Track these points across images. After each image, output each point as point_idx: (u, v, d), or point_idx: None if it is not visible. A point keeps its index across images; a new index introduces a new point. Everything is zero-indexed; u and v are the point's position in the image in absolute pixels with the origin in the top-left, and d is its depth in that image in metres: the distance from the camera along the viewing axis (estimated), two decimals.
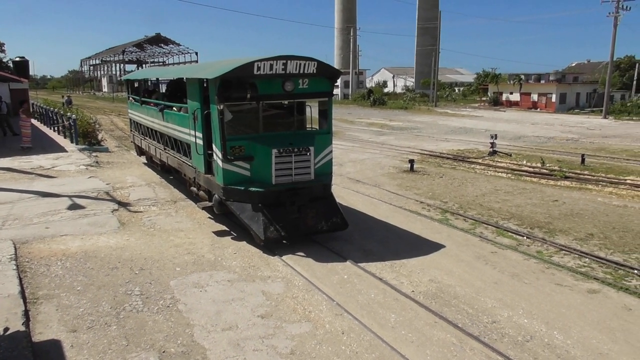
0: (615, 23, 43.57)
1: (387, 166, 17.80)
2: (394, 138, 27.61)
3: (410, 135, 29.51)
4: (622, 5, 43.41)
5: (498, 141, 21.59)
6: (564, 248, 9.00)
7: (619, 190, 13.81)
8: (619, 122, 40.62)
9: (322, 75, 9.15)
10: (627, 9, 43.97)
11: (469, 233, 9.94)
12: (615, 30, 43.79)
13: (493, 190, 13.83)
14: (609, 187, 14.11)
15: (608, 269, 8.06)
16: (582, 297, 6.95)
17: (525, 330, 5.98)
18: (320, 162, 9.27)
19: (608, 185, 14.42)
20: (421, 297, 6.91)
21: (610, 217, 11.06)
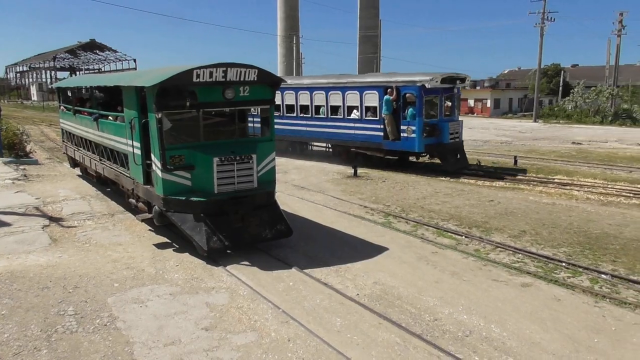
0: (541, 33, 46.25)
1: (331, 172, 17.96)
2: None
3: None
4: (547, 17, 46.15)
5: None
6: (500, 245, 9.41)
7: (548, 189, 14.61)
8: (547, 125, 43.04)
9: (263, 82, 9.15)
10: (552, 20, 46.81)
11: (411, 235, 10.20)
12: (542, 39, 46.49)
13: (433, 192, 14.27)
14: (539, 187, 14.90)
15: (539, 263, 8.50)
16: (517, 290, 7.30)
17: (465, 326, 6.20)
18: (263, 170, 9.23)
19: (538, 184, 15.23)
20: (366, 300, 7.01)
21: (541, 214, 11.68)
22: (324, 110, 19.65)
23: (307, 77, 21.46)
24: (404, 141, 17.31)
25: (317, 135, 20.43)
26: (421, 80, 16.80)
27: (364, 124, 18.32)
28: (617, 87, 49.23)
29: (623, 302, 6.92)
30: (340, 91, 18.99)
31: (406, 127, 17.11)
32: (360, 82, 18.61)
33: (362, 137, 18.49)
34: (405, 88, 17.04)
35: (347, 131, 18.97)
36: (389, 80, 17.59)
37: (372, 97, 17.99)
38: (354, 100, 18.55)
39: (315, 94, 19.89)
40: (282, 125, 20.35)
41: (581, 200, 13.17)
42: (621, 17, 48.45)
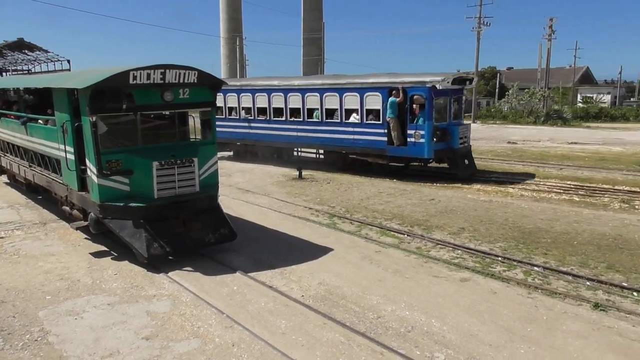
0: (478, 37, 48.08)
1: (276, 174, 17.89)
2: None
3: None
4: (483, 21, 48.07)
5: None
6: (440, 242, 9.70)
7: (485, 187, 15.19)
8: (485, 126, 44.80)
9: (203, 84, 8.99)
10: (488, 25, 48.79)
11: (355, 235, 10.32)
12: (479, 43, 48.32)
13: (377, 193, 14.51)
14: (477, 185, 15.47)
15: (477, 258, 8.83)
16: (456, 285, 7.54)
17: (407, 322, 6.33)
18: (205, 173, 9.07)
19: (476, 183, 15.81)
20: (311, 301, 7.03)
21: (479, 211, 12.14)
22: (318, 113, 18.08)
23: (298, 77, 20.24)
24: (411, 147, 15.95)
25: (308, 141, 18.80)
26: (432, 80, 15.53)
27: (365, 128, 16.83)
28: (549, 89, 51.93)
29: (554, 293, 7.30)
30: (337, 93, 17.45)
31: (414, 132, 15.76)
32: (361, 83, 17.05)
33: (363, 143, 17.00)
34: (413, 89, 15.70)
35: (345, 136, 17.37)
36: (394, 81, 16.28)
37: (374, 99, 16.56)
38: (353, 103, 17.08)
39: (308, 96, 18.24)
40: (269, 130, 19.52)
41: (516, 197, 13.79)
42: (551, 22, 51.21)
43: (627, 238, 9.82)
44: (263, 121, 19.76)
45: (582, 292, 7.32)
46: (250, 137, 20.50)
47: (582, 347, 5.66)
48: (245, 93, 20.33)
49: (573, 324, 6.25)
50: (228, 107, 20.98)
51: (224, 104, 20.84)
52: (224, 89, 21.21)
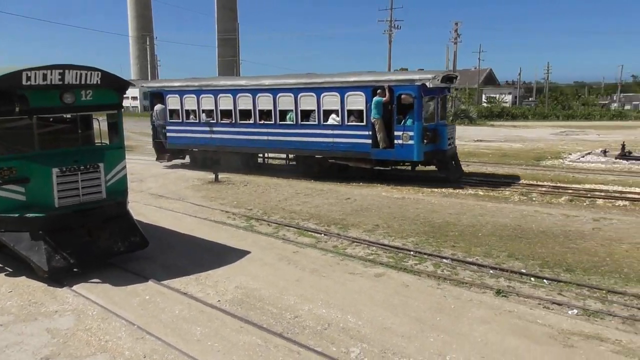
0: (389, 40, 49.92)
1: (191, 178, 17.42)
2: None
3: None
4: (394, 25, 49.95)
5: None
6: (356, 240, 9.93)
7: (399, 185, 15.74)
8: None
9: (108, 86, 8.54)
10: (399, 28, 50.76)
11: (272, 237, 10.30)
12: (390, 46, 50.22)
13: (294, 194, 14.58)
14: (391, 183, 16.00)
15: (391, 253, 9.14)
16: (371, 281, 7.75)
17: (324, 319, 6.41)
18: (113, 179, 8.62)
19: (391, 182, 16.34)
20: (227, 305, 6.91)
21: (392, 208, 12.57)
22: (292, 115, 16.79)
23: (268, 77, 18.12)
24: (398, 149, 15.15)
25: (280, 145, 17.35)
26: (421, 78, 14.84)
27: (346, 130, 15.80)
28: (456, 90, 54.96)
29: (461, 282, 7.72)
30: (315, 93, 16.24)
31: (402, 133, 14.95)
32: (342, 81, 15.99)
33: (344, 146, 15.93)
34: (400, 88, 14.92)
35: (323, 139, 16.21)
36: (379, 80, 15.48)
37: (357, 99, 15.59)
38: (333, 103, 15.99)
39: (281, 96, 16.84)
40: (235, 134, 17.94)
41: (426, 194, 14.44)
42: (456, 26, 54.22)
43: (526, 228, 10.60)
44: (228, 125, 18.11)
45: (486, 280, 7.81)
46: (213, 142, 18.58)
47: (486, 331, 6.04)
48: (206, 94, 18.44)
49: (478, 310, 6.64)
50: (185, 110, 19.03)
51: (180, 107, 19.05)
52: (180, 90, 19.48)
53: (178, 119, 19.23)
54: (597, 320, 6.38)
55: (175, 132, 19.42)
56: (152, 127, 20.38)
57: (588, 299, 7.05)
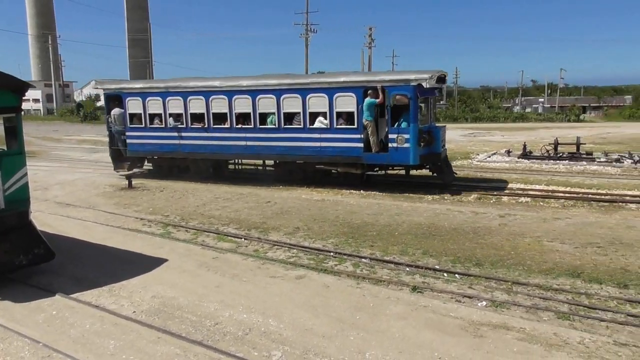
0: (306, 43, 50.45)
1: (102, 185, 16.55)
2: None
3: None
4: (310, 28, 50.56)
5: None
6: (277, 243, 9.92)
7: (318, 187, 15.92)
8: None
9: (3, 87, 7.89)
10: (315, 32, 51.45)
11: (191, 243, 10.02)
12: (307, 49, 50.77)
13: (214, 198, 14.29)
14: (311, 185, 16.14)
15: (311, 255, 9.22)
16: (292, 284, 7.78)
17: (245, 325, 6.34)
18: (12, 188, 7.96)
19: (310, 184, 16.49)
20: (143, 316, 6.63)
21: (312, 210, 12.70)
22: (274, 119, 15.73)
23: (246, 77, 16.64)
24: (393, 153, 14.46)
25: (261, 151, 16.18)
26: (417, 78, 14.15)
27: (335, 134, 14.98)
28: None
29: (379, 281, 7.95)
30: (299, 94, 15.27)
31: (396, 136, 14.27)
32: (330, 82, 15.10)
33: (332, 151, 15.09)
34: (394, 89, 14.24)
35: (309, 144, 15.29)
36: (371, 80, 14.78)
37: (346, 101, 14.77)
38: (320, 105, 15.07)
39: (261, 98, 15.75)
40: (208, 140, 16.61)
41: (345, 195, 14.73)
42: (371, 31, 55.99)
43: (439, 226, 11.13)
44: (199, 130, 16.72)
45: (402, 278, 8.10)
46: (182, 149, 17.16)
47: (403, 327, 6.26)
48: (173, 97, 16.97)
49: (395, 307, 6.87)
50: (149, 113, 17.40)
51: (142, 111, 17.44)
52: (143, 92, 17.79)
53: (140, 124, 17.59)
54: (504, 310, 6.83)
55: (137, 138, 17.71)
56: (109, 134, 18.41)
57: (495, 290, 7.53)
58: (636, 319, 6.49)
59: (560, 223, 11.14)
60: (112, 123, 18.18)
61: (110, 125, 18.27)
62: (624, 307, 6.83)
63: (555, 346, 5.70)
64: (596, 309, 6.80)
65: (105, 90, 18.70)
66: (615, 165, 19.54)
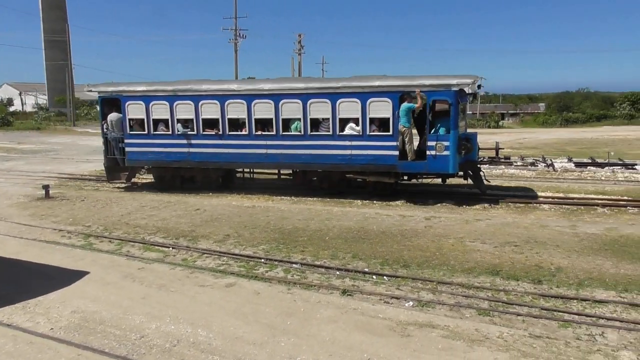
0: (235, 49, 49.93)
1: (16, 195, 15.46)
2: (24, 163, 24.27)
3: (45, 158, 26.51)
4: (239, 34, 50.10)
5: None
6: (206, 251, 9.72)
7: (249, 193, 15.77)
8: None
9: None
10: (244, 37, 51.02)
11: (115, 254, 9.60)
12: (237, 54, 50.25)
13: (139, 207, 13.77)
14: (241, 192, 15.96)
15: (242, 262, 9.12)
16: (222, 292, 7.64)
17: (173, 336, 6.14)
18: None
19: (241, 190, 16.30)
20: (62, 333, 6.25)
21: (243, 217, 12.56)
22: (299, 125, 14.64)
23: (267, 80, 15.53)
24: (431, 161, 13.74)
25: (283, 159, 15.06)
26: (459, 83, 13.54)
27: (368, 141, 14.11)
28: None
29: (310, 285, 8.00)
30: (329, 99, 14.27)
31: (435, 143, 13.60)
32: (363, 86, 14.14)
33: (364, 159, 14.23)
34: (435, 94, 13.58)
35: (338, 152, 14.33)
36: (409, 84, 13.88)
37: (381, 106, 13.94)
38: (352, 111, 14.15)
39: (285, 103, 14.60)
40: (222, 148, 15.33)
41: (276, 201, 14.70)
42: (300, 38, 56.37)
43: (368, 229, 11.37)
44: (213, 137, 15.39)
45: (333, 282, 8.20)
46: (191, 158, 15.71)
47: (333, 330, 6.33)
48: (182, 100, 15.50)
49: (326, 311, 6.93)
50: (153, 119, 15.83)
51: (145, 116, 15.83)
52: (147, 95, 16.09)
53: (142, 130, 15.99)
54: (429, 309, 7.09)
55: (138, 146, 16.07)
56: (104, 141, 16.60)
57: (421, 290, 7.80)
58: (549, 312, 6.96)
59: (481, 224, 11.74)
60: (108, 129, 16.44)
61: (105, 132, 16.51)
62: (538, 302, 7.30)
63: (477, 341, 5.99)
64: (513, 304, 7.22)
65: (100, 94, 16.64)
66: (530, 168, 20.87)
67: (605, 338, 6.20)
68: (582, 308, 7.05)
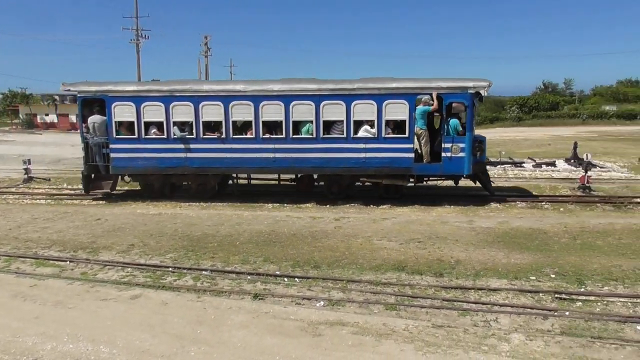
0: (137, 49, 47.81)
1: None
2: None
3: None
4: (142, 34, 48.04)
5: (34, 166, 20.02)
6: (108, 263, 9.18)
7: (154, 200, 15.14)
8: None
9: None
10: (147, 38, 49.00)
11: (2, 272, 8.78)
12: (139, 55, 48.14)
13: (31, 219, 12.71)
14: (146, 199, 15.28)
15: (148, 272, 8.73)
16: (126, 305, 7.25)
17: (71, 356, 5.73)
18: None
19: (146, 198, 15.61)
20: None
21: (149, 225, 12.03)
22: (311, 127, 14.16)
23: (276, 81, 14.58)
24: (446, 163, 13.89)
25: (293, 164, 14.48)
26: (475, 86, 13.70)
27: (383, 143, 13.98)
28: None
29: (221, 292, 7.84)
30: (344, 101, 13.95)
31: (450, 145, 13.74)
32: (379, 88, 13.93)
33: (379, 162, 14.09)
34: (450, 96, 13.67)
35: (352, 155, 14.08)
36: (425, 87, 13.91)
37: (397, 108, 13.86)
38: (367, 113, 13.95)
39: (295, 104, 14.07)
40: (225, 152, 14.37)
41: (184, 208, 14.25)
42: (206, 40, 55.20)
43: (279, 232, 11.38)
44: (215, 141, 14.46)
45: (244, 286, 8.11)
46: (190, 164, 14.64)
47: (245, 335, 6.25)
48: (181, 102, 14.41)
49: (237, 316, 6.83)
50: (145, 122, 14.58)
51: (136, 118, 14.49)
52: (138, 96, 14.71)
53: (130, 134, 14.67)
54: (340, 308, 7.25)
55: (126, 151, 14.72)
56: (85, 147, 14.94)
57: (332, 290, 7.94)
58: (449, 302, 7.39)
59: (388, 223, 12.20)
60: (90, 134, 14.89)
61: (86, 136, 14.92)
62: (440, 293, 7.73)
63: (385, 335, 6.21)
64: (418, 297, 7.59)
65: (80, 94, 15.00)
66: None
67: (499, 323, 6.71)
68: (479, 297, 7.57)
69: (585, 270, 8.61)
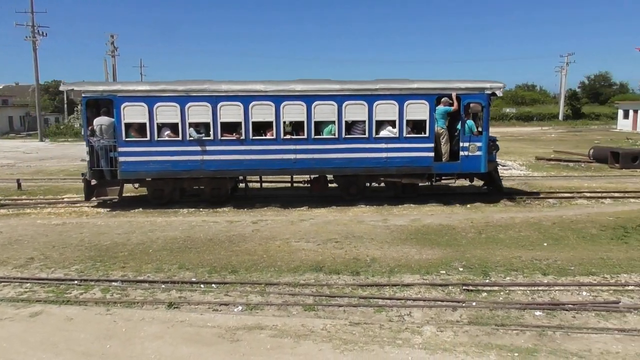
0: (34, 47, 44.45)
1: None
2: None
3: None
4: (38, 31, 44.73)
5: None
6: (3, 279, 8.42)
7: (57, 209, 14.18)
8: (55, 144, 41.97)
9: None
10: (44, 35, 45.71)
11: None
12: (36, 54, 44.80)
13: None
14: (47, 208, 14.27)
15: (50, 287, 8.10)
16: (25, 323, 6.68)
17: None
18: None
19: (47, 206, 14.58)
20: None
21: (51, 236, 11.20)
22: (333, 128, 14.07)
23: (298, 81, 14.25)
24: (464, 161, 14.33)
25: (314, 165, 14.21)
26: (492, 87, 14.30)
27: (404, 143, 14.21)
28: None
29: (132, 303, 7.46)
30: (366, 101, 13.98)
31: (468, 144, 14.20)
32: (401, 88, 14.12)
33: (400, 161, 14.29)
34: (468, 96, 14.15)
35: (375, 155, 14.15)
36: (446, 87, 14.31)
37: (418, 109, 14.13)
38: (388, 113, 14.09)
39: (318, 105, 13.89)
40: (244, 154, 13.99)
41: (92, 216, 13.44)
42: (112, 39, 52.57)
43: (195, 238, 11.06)
44: (234, 142, 13.90)
45: (158, 296, 7.78)
46: (207, 167, 13.97)
47: (159, 346, 6.00)
48: (197, 102, 13.68)
49: (150, 327, 6.54)
50: (158, 123, 13.71)
51: (148, 120, 13.60)
52: (150, 96, 13.64)
53: (142, 136, 13.71)
54: (258, 311, 7.17)
55: (137, 155, 13.74)
56: (90, 150, 13.76)
57: (250, 294, 7.84)
58: (366, 300, 7.57)
59: (305, 224, 12.29)
60: (96, 136, 13.73)
61: (90, 140, 13.74)
62: (357, 292, 7.90)
63: (303, 336, 6.23)
64: (335, 296, 7.70)
65: (85, 94, 13.77)
66: None
67: (412, 317, 6.98)
68: (393, 293, 7.82)
69: (489, 262, 9.20)
